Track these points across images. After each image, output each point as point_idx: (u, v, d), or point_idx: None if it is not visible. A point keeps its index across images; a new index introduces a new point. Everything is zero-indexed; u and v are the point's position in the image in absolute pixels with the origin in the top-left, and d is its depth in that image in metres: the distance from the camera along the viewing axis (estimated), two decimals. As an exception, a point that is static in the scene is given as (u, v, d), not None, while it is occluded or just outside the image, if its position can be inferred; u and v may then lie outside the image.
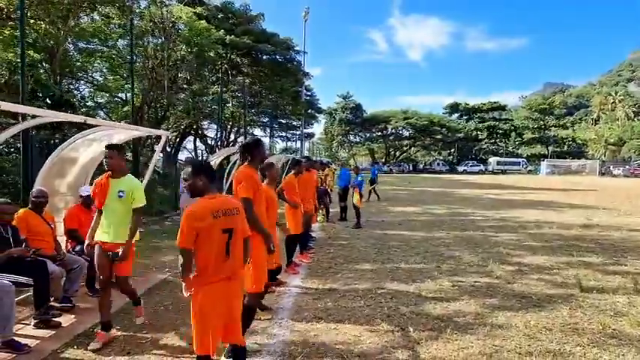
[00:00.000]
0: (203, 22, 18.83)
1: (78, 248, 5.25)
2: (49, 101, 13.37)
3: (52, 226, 5.03)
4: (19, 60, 9.20)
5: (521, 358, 3.69)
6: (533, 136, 74.34)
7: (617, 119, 76.75)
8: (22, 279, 4.17)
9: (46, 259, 4.52)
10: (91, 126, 5.56)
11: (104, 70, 18.60)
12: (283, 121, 42.79)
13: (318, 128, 74.71)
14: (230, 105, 26.52)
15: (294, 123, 44.75)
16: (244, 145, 3.95)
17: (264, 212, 3.98)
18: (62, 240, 5.58)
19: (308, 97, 41.62)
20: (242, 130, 26.03)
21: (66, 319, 4.46)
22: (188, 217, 2.67)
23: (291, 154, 31.57)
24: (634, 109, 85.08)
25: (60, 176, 5.88)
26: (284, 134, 48.34)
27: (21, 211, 4.84)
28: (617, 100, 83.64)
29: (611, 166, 60.66)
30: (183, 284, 2.84)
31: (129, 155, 13.56)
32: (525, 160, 69.48)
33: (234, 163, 13.34)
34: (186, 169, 2.85)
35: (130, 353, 3.78)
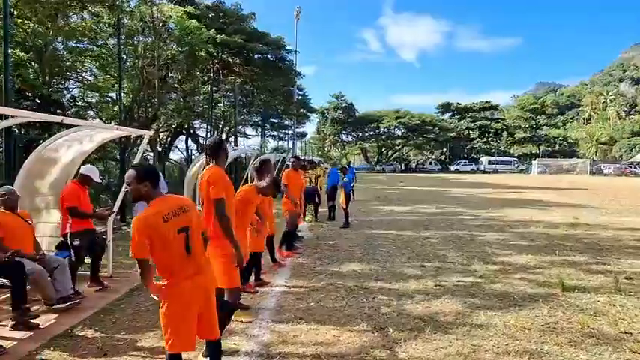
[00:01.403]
0: (194, 21, 18.74)
1: (77, 243, 5.22)
2: (37, 101, 13.26)
3: (30, 223, 4.98)
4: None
5: (498, 358, 3.72)
6: (525, 135, 74.87)
7: (609, 119, 77.61)
8: (-3, 280, 4.13)
9: (24, 259, 4.48)
10: (71, 126, 5.51)
11: (94, 70, 18.46)
12: (275, 121, 42.72)
13: (310, 128, 74.76)
14: (221, 104, 26.43)
15: (286, 122, 44.71)
16: (209, 146, 3.91)
17: (234, 212, 3.93)
18: (43, 240, 5.55)
19: (300, 97, 41.60)
20: (233, 129, 25.95)
21: (45, 320, 4.42)
22: (137, 227, 2.61)
23: (282, 153, 31.53)
24: (625, 108, 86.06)
25: (41, 177, 5.83)
26: (276, 134, 48.26)
27: (-4, 211, 4.78)
28: (608, 100, 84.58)
29: (602, 166, 61.27)
30: (150, 290, 2.81)
31: (117, 154, 13.49)
32: (517, 159, 69.97)
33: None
34: (130, 173, 2.77)
35: (107, 354, 3.76)
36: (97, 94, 19.30)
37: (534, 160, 65.07)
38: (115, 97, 18.86)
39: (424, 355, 3.74)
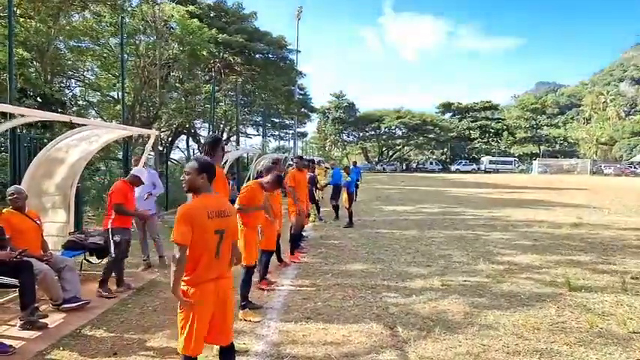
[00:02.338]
0: (195, 20, 18.72)
1: (117, 239, 5.30)
2: (39, 100, 13.25)
3: (38, 222, 4.98)
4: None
5: (508, 358, 3.71)
6: (526, 135, 74.82)
7: (609, 119, 77.48)
8: (7, 280, 4.12)
9: (32, 258, 4.47)
10: (78, 125, 5.50)
11: (95, 69, 18.46)
12: (276, 120, 42.73)
13: (311, 127, 74.67)
14: (223, 104, 26.41)
15: (287, 122, 44.72)
16: (206, 143, 3.93)
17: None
18: (50, 240, 5.54)
19: (301, 96, 41.55)
20: (235, 129, 25.94)
21: (52, 320, 4.42)
22: (184, 214, 2.65)
23: (284, 153, 31.51)
24: (625, 108, 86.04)
25: (47, 177, 5.82)
26: (277, 133, 48.26)
27: (4, 211, 4.78)
28: (608, 100, 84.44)
29: (602, 166, 61.27)
30: (173, 289, 2.69)
31: (120, 154, 13.48)
32: (517, 159, 69.94)
33: (226, 161, 13.28)
34: (191, 164, 2.82)
35: (117, 354, 3.75)
36: (98, 94, 19.32)
37: (535, 159, 65.08)
38: (115, 97, 18.88)
39: (434, 355, 3.73)
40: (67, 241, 5.77)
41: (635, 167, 57.68)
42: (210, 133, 22.21)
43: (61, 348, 3.85)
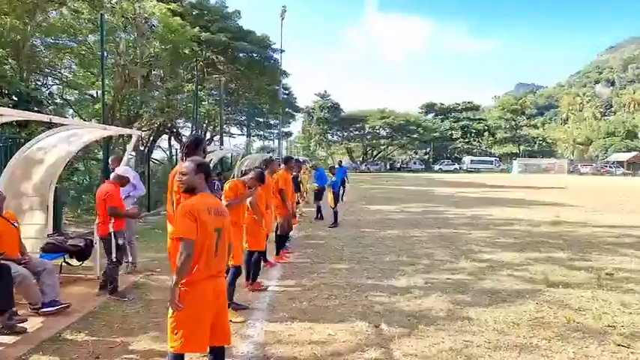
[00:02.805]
0: (177, 18, 18.48)
1: (121, 242, 5.25)
2: (14, 98, 12.92)
3: (16, 225, 4.86)
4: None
5: (489, 353, 3.79)
6: (506, 135, 76.12)
7: (585, 119, 79.47)
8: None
9: (10, 262, 4.37)
10: (57, 125, 5.40)
11: (74, 67, 18.06)
12: (260, 120, 42.47)
13: (295, 127, 74.58)
14: (206, 103, 26.16)
15: (272, 122, 44.52)
16: (186, 143, 3.88)
17: None
18: (28, 242, 5.41)
19: (286, 96, 41.45)
20: (218, 128, 25.72)
21: (32, 325, 4.32)
22: (189, 209, 2.67)
23: (268, 152, 31.41)
24: (601, 109, 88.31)
25: (25, 178, 5.69)
26: (261, 133, 48.00)
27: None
28: (584, 101, 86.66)
29: (579, 165, 62.80)
30: (175, 289, 2.64)
31: (100, 154, 13.26)
32: (498, 159, 71.12)
33: (210, 161, 13.17)
34: (188, 164, 2.84)
35: (99, 358, 3.69)
36: (76, 92, 18.91)
37: (515, 159, 66.28)
38: (94, 95, 18.53)
39: (418, 352, 3.79)
40: (45, 243, 5.64)
41: (610, 166, 59.31)
42: (193, 132, 22.03)
43: (41, 353, 3.77)
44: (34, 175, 5.84)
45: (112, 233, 5.19)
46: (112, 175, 5.60)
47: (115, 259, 5.21)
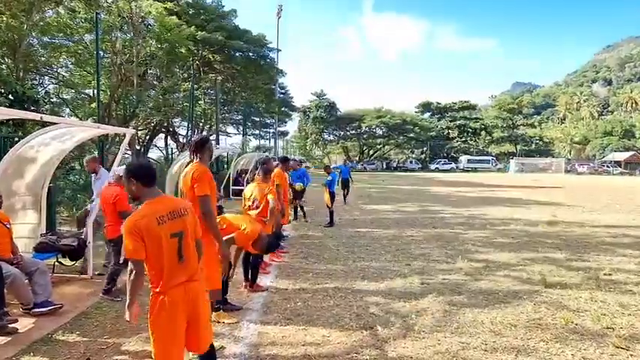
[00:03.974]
0: (174, 17, 18.42)
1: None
2: (10, 97, 12.81)
3: (8, 226, 4.80)
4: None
5: (486, 355, 3.75)
6: (503, 134, 76.24)
7: (582, 118, 79.82)
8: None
9: (1, 262, 4.31)
10: (51, 124, 5.33)
11: (70, 66, 17.97)
12: (257, 119, 42.40)
13: (292, 126, 74.49)
14: (202, 102, 26.08)
15: (268, 121, 44.48)
16: (194, 142, 3.88)
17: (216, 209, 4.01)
18: (20, 242, 5.35)
19: (282, 95, 41.41)
20: (214, 127, 25.64)
21: (23, 325, 4.26)
22: (131, 228, 2.48)
23: (264, 152, 31.32)
24: (598, 108, 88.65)
25: (18, 176, 5.62)
26: (257, 132, 47.95)
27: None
28: (582, 100, 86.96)
29: (576, 164, 62.99)
30: (127, 309, 2.64)
31: (95, 153, 13.15)
32: (495, 158, 71.25)
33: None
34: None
35: (91, 359, 3.64)
36: (73, 91, 18.81)
37: (512, 158, 66.40)
38: (91, 94, 18.42)
39: (414, 354, 3.74)
40: (38, 242, 5.58)
41: (607, 166, 59.51)
42: (189, 131, 21.94)
43: (32, 353, 3.72)
44: (27, 174, 5.77)
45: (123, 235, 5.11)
46: (113, 177, 5.46)
47: (122, 262, 5.13)
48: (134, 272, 2.55)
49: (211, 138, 26.65)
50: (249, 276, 5.52)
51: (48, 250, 5.53)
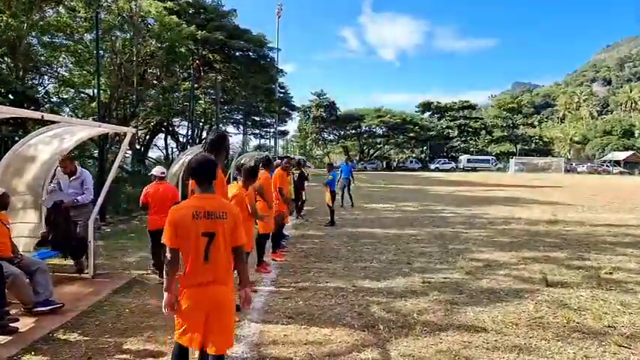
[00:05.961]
0: (174, 17, 18.40)
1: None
2: (11, 97, 12.80)
3: (8, 226, 4.79)
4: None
5: (488, 354, 3.74)
6: (502, 134, 76.23)
7: (582, 118, 79.83)
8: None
9: (2, 261, 4.30)
10: (51, 122, 5.31)
11: (70, 65, 17.94)
12: (257, 119, 42.39)
13: (292, 126, 74.48)
14: (202, 102, 26.06)
15: (268, 120, 44.46)
16: (211, 140, 3.82)
17: None
18: (21, 241, 5.34)
19: (282, 95, 41.39)
20: (214, 127, 25.63)
21: (24, 324, 4.25)
22: (169, 217, 2.63)
23: (265, 151, 31.32)
24: (597, 108, 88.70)
25: (18, 175, 5.61)
26: (257, 131, 47.93)
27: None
28: (581, 100, 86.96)
29: (576, 164, 63.02)
30: (165, 294, 2.68)
31: (96, 152, 13.16)
32: (495, 157, 71.24)
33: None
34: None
35: (91, 358, 3.63)
36: (73, 91, 18.79)
37: (511, 158, 66.38)
38: (91, 94, 18.39)
39: (415, 353, 3.74)
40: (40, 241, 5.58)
41: (607, 165, 59.54)
42: (189, 131, 21.94)
43: (33, 353, 3.71)
44: (27, 173, 5.76)
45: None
46: (158, 176, 6.02)
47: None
48: (167, 259, 2.66)
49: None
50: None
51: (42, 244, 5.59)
